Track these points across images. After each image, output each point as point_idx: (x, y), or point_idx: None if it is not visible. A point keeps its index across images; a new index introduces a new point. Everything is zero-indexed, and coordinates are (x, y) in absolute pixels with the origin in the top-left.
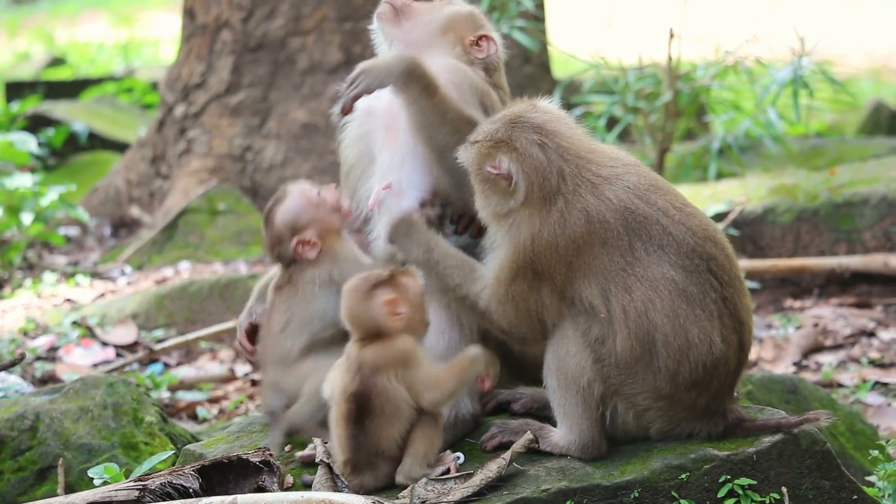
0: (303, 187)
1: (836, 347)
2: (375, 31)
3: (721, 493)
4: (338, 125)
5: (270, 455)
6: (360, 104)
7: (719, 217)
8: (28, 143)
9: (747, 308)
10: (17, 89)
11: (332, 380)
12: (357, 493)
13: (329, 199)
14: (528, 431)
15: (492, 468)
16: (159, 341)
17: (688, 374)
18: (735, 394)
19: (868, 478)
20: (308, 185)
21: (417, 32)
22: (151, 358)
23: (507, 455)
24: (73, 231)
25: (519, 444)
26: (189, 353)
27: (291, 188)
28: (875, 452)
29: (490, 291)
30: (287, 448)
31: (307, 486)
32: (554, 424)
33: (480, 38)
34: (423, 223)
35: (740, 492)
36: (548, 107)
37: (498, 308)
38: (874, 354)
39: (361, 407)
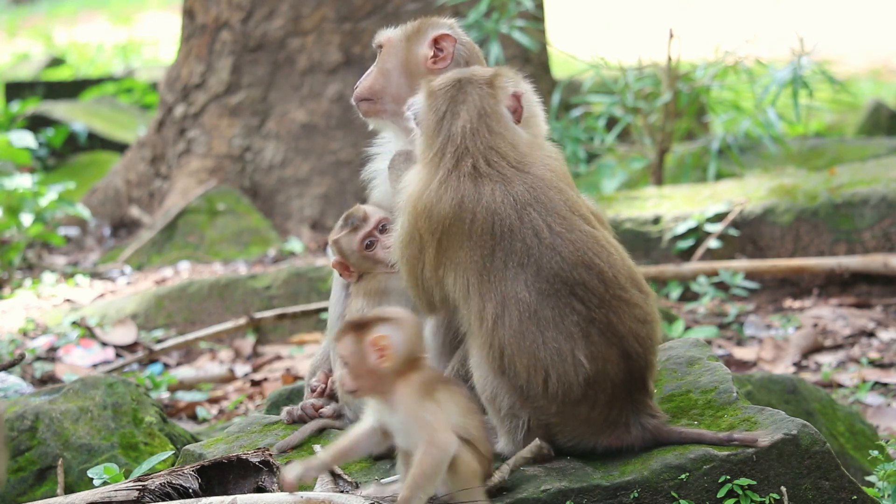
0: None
1: (836, 348)
2: (370, 123)
3: (721, 494)
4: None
5: (270, 455)
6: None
7: (719, 217)
8: (25, 139)
9: (636, 319)
10: (16, 89)
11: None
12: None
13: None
14: (537, 437)
15: (494, 476)
16: (159, 341)
17: (561, 392)
18: (734, 394)
19: (868, 478)
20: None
21: (399, 100)
22: (151, 358)
23: (511, 461)
24: (72, 231)
25: (526, 450)
26: (189, 353)
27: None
28: (875, 452)
29: (394, 244)
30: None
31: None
32: None
33: (435, 47)
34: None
35: (740, 492)
36: (517, 78)
37: (399, 265)
38: (874, 355)
39: None
